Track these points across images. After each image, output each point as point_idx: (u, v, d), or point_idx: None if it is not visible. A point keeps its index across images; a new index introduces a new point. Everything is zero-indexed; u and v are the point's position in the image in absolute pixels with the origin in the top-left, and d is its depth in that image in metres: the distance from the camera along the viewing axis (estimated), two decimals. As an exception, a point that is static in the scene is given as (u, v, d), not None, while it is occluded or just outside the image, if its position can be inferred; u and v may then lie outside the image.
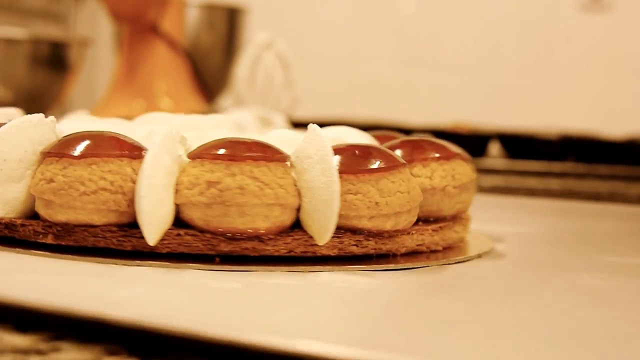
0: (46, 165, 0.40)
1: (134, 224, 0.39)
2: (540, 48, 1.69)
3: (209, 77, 1.21)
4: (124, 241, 0.39)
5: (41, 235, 0.40)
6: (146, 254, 0.39)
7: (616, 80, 1.66)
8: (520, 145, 1.05)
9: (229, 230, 0.38)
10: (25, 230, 0.41)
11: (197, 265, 0.38)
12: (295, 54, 1.09)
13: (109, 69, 1.31)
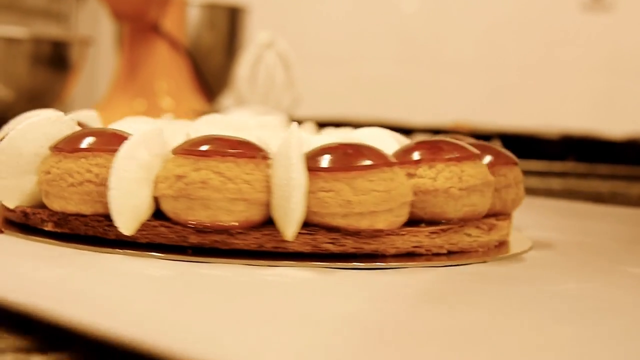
0: (47, 159, 0.43)
1: None
2: (541, 48, 1.69)
3: (210, 77, 1.21)
4: (109, 230, 0.41)
5: (45, 223, 0.44)
6: (128, 243, 0.41)
7: (617, 79, 1.66)
8: (520, 145, 1.04)
9: (195, 223, 0.40)
10: (35, 218, 0.44)
11: (162, 255, 0.40)
12: (296, 54, 1.09)
13: (110, 68, 1.31)
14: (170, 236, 0.41)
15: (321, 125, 0.62)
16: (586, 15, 1.66)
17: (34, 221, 0.44)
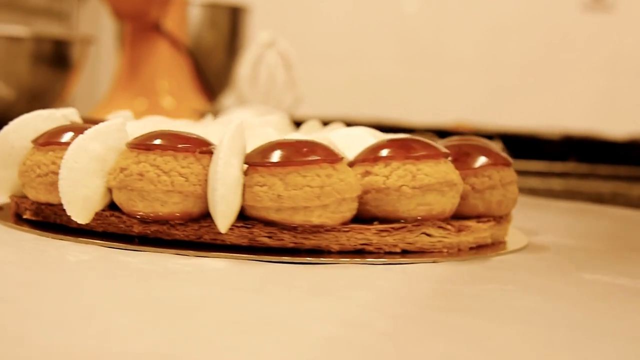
0: (27, 152, 0.46)
1: None
2: (543, 48, 1.69)
3: (212, 76, 1.21)
4: (71, 220, 0.43)
5: (26, 211, 0.46)
6: (89, 232, 0.43)
7: (618, 80, 1.66)
8: (522, 145, 1.04)
9: (135, 213, 0.42)
10: (21, 207, 0.47)
11: (108, 243, 0.42)
12: (297, 53, 1.09)
13: (112, 67, 1.31)
14: (120, 226, 0.43)
15: (325, 124, 0.62)
16: (587, 16, 1.66)
17: (20, 210, 0.47)
